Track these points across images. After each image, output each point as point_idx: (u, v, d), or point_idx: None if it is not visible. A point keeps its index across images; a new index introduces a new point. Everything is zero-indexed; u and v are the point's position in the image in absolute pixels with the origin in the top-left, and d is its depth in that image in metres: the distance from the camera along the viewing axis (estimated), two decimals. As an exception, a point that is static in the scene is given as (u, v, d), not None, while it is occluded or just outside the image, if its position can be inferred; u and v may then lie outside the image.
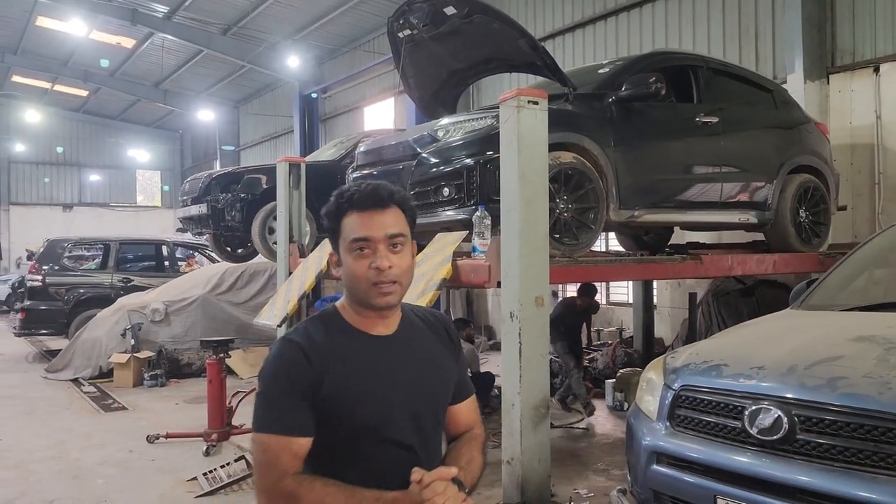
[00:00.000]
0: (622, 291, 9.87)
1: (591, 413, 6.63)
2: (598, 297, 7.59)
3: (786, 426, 2.53)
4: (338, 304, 1.64)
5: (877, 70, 7.04)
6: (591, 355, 8.33)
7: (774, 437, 2.55)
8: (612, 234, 8.11)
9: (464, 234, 4.65)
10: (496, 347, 10.25)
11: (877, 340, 2.90)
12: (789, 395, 2.60)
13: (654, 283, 8.50)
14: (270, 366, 1.53)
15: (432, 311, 1.81)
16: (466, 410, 1.78)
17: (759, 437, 2.60)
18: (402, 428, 1.56)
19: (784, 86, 6.99)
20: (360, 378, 1.53)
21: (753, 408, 2.65)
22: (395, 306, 1.60)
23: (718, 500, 2.63)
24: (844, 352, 2.82)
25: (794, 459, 2.50)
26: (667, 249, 6.38)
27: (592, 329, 8.93)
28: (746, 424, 2.64)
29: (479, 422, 1.81)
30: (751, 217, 5.75)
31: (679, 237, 7.26)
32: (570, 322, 7.24)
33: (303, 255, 6.64)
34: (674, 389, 3.00)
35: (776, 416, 2.57)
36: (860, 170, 7.18)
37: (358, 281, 1.53)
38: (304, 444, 1.49)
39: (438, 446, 1.70)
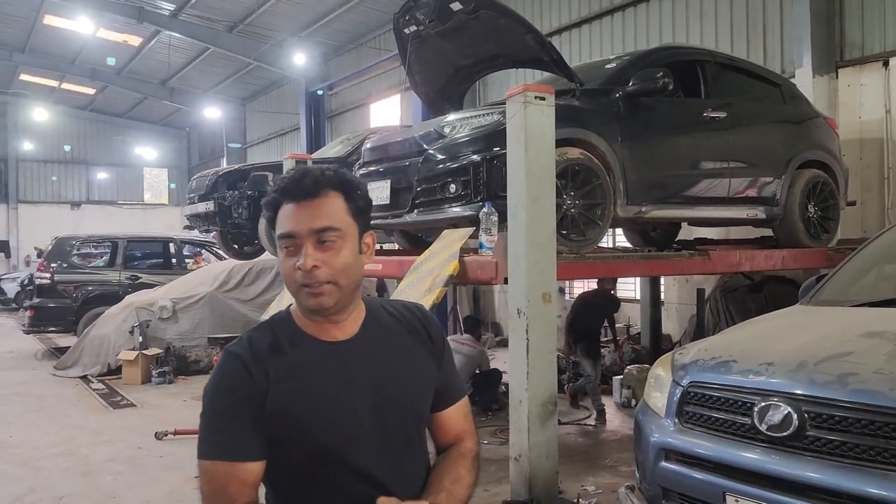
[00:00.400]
0: (629, 288, 9.84)
1: (602, 422, 6.36)
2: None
3: (796, 423, 2.52)
4: (293, 307, 1.44)
5: (886, 64, 6.98)
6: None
7: (784, 433, 2.54)
8: (619, 231, 8.08)
9: (471, 230, 4.64)
10: (503, 344, 10.24)
11: (887, 336, 2.88)
12: (799, 392, 2.58)
13: (662, 280, 8.47)
14: (211, 382, 1.36)
15: (408, 305, 1.58)
16: (455, 417, 1.57)
17: (768, 433, 2.58)
18: (364, 449, 1.36)
19: (792, 80, 6.95)
20: (310, 392, 1.33)
21: (763, 404, 2.63)
22: (342, 309, 1.39)
23: (728, 497, 2.62)
24: (855, 348, 2.80)
25: (804, 456, 2.48)
26: (674, 245, 6.34)
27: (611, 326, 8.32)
28: (756, 421, 2.63)
29: (470, 431, 1.60)
30: (759, 213, 5.72)
31: (687, 233, 7.22)
32: (589, 321, 6.77)
33: (309, 252, 6.64)
34: (682, 386, 2.98)
35: (786, 412, 2.55)
36: (869, 164, 7.13)
37: (287, 282, 1.37)
38: (253, 469, 1.31)
39: (419, 463, 1.48)
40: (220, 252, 10.79)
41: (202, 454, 1.33)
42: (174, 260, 12.25)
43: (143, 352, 8.81)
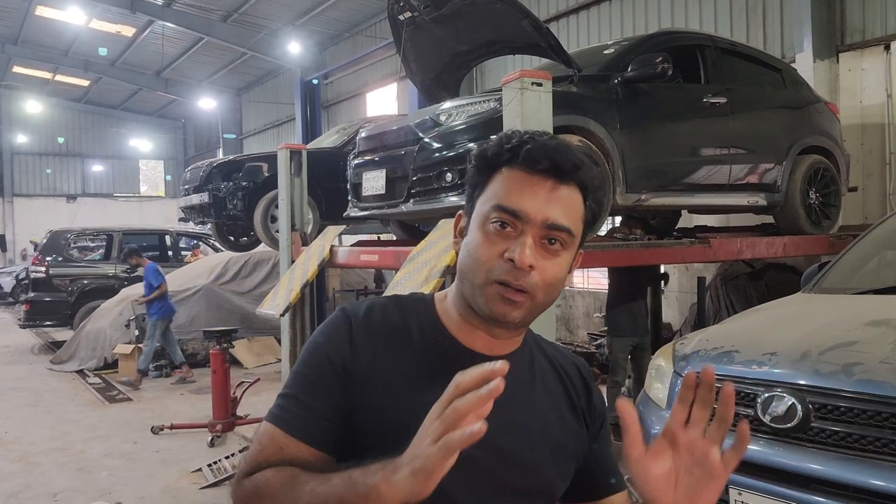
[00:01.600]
0: (628, 276, 9.78)
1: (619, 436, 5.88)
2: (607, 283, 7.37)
3: (800, 413, 2.47)
4: (437, 293, 1.14)
5: (887, 48, 6.90)
6: (598, 341, 8.26)
7: (788, 424, 2.49)
8: (617, 219, 8.01)
9: (467, 220, 4.56)
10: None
11: (893, 324, 2.83)
12: (803, 382, 2.53)
13: (662, 268, 8.41)
14: (313, 337, 1.09)
15: (568, 356, 1.22)
16: None
17: (772, 424, 2.53)
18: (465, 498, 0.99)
19: (793, 65, 6.87)
20: (412, 405, 0.92)
21: (766, 395, 2.58)
22: (516, 328, 1.06)
23: (731, 489, 2.57)
24: (859, 336, 2.75)
25: (808, 448, 2.44)
26: (674, 233, 6.28)
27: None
28: (759, 412, 2.58)
29: None
30: (760, 199, 5.66)
31: (687, 220, 7.16)
32: (626, 300, 5.87)
33: (305, 243, 6.57)
34: (683, 376, 2.93)
35: (790, 403, 2.50)
36: (871, 150, 7.06)
37: (476, 267, 1.00)
38: (307, 455, 1.00)
39: None
40: (216, 244, 10.72)
41: (268, 415, 1.05)
42: (170, 252, 12.18)
43: (139, 345, 8.76)
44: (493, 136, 1.06)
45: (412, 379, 1.02)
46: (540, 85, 4.09)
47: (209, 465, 4.99)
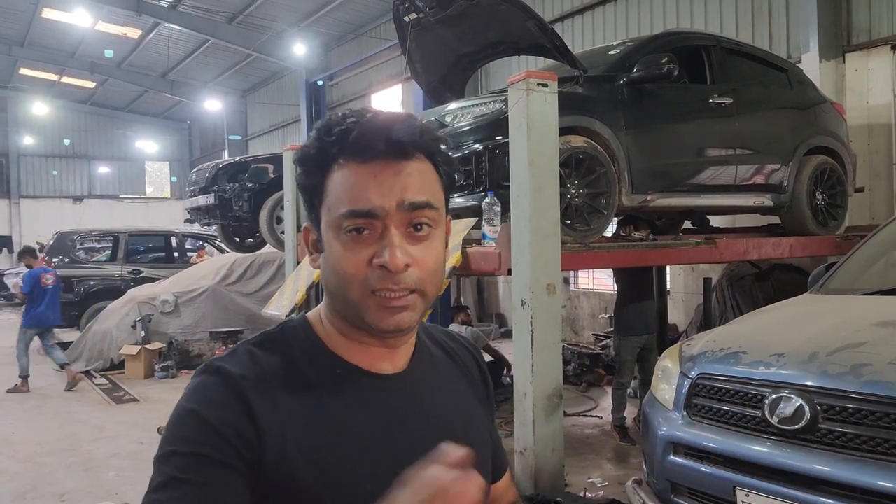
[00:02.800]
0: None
1: (623, 437, 5.49)
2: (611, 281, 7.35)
3: (808, 415, 2.46)
4: (310, 315, 0.98)
5: (894, 48, 6.87)
6: (604, 342, 8.25)
7: (796, 426, 2.48)
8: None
9: (473, 221, 4.57)
10: (508, 335, 10.19)
11: (901, 325, 2.82)
12: (811, 383, 2.53)
13: (668, 269, 8.40)
14: (181, 412, 0.86)
15: (455, 337, 1.15)
16: (507, 491, 1.16)
17: (779, 426, 2.53)
18: None
19: (799, 65, 6.84)
20: (339, 452, 0.87)
21: (774, 396, 2.57)
22: (412, 330, 0.96)
23: (738, 491, 2.57)
24: (868, 338, 2.74)
25: (816, 449, 2.43)
26: (679, 234, 6.27)
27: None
28: (767, 413, 2.57)
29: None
30: (766, 200, 5.65)
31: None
32: (634, 300, 5.68)
33: (311, 244, 6.59)
34: (690, 378, 2.93)
35: (798, 404, 2.50)
36: (877, 150, 7.03)
37: (347, 283, 0.88)
38: None
39: None
40: (222, 245, 10.75)
41: None
42: (176, 254, 12.21)
43: (146, 346, 8.79)
44: (311, 132, 0.92)
45: (317, 417, 0.88)
46: (546, 86, 4.10)
47: (215, 466, 5.00)
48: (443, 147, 0.94)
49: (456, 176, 0.98)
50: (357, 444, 0.88)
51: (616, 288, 6.06)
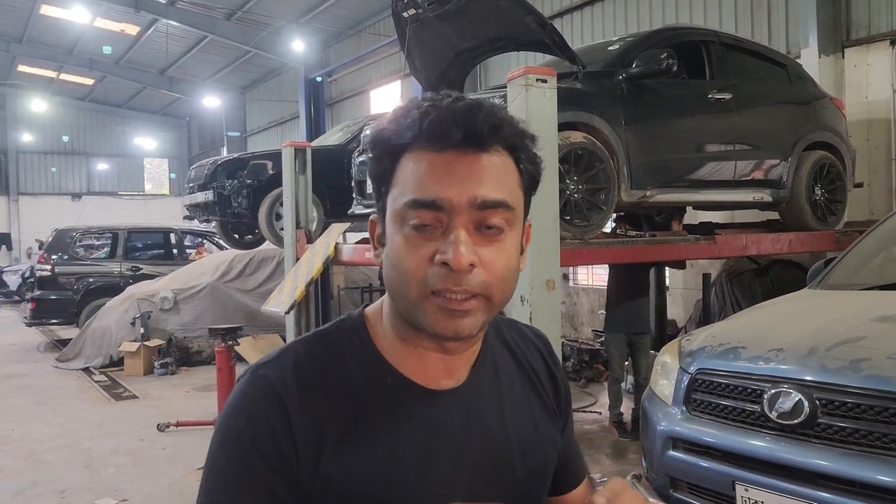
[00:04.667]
0: (633, 273, 9.77)
1: (622, 432, 5.57)
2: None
3: (807, 410, 2.47)
4: (369, 311, 0.93)
5: (893, 43, 6.86)
6: (602, 338, 8.25)
7: (795, 420, 2.49)
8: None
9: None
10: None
11: (900, 320, 2.82)
12: (810, 378, 2.53)
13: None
14: (227, 421, 0.85)
15: (526, 333, 1.06)
16: (579, 499, 1.08)
17: (778, 421, 2.53)
18: None
19: (798, 60, 6.84)
20: (390, 466, 0.84)
21: (773, 391, 2.58)
22: (474, 338, 0.88)
23: (737, 485, 2.57)
24: (867, 332, 2.74)
25: (815, 444, 2.43)
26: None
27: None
28: (766, 408, 2.58)
29: None
30: (765, 195, 5.65)
31: (691, 217, 7.14)
32: (625, 297, 5.72)
33: (310, 240, 6.59)
34: (690, 373, 2.93)
35: (797, 399, 2.50)
36: (877, 145, 7.03)
37: (406, 281, 0.82)
38: None
39: None
40: (221, 242, 10.74)
41: None
42: (175, 250, 12.21)
43: (145, 343, 8.79)
44: (366, 124, 0.88)
45: (373, 431, 0.84)
46: (545, 81, 4.09)
47: (215, 463, 5.00)
48: (527, 142, 0.87)
49: (530, 172, 0.88)
50: (401, 467, 0.84)
51: (607, 284, 6.08)
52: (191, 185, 8.18)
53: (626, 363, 6.77)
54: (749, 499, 2.53)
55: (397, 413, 0.86)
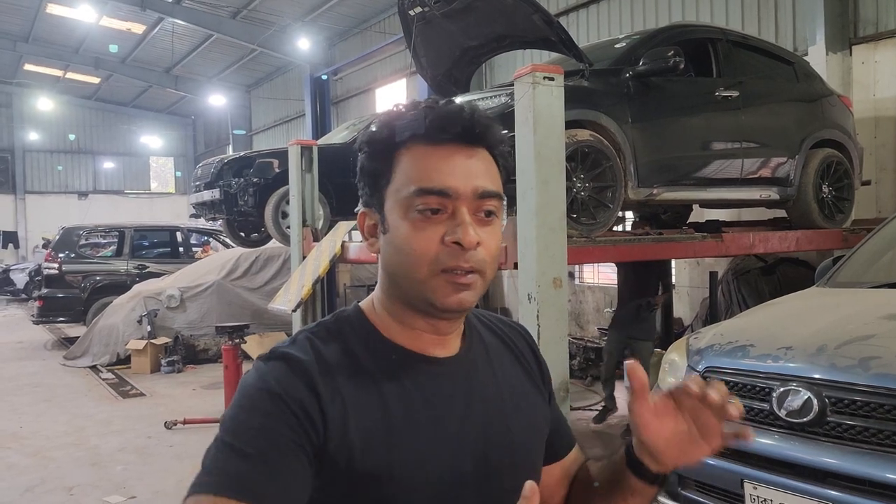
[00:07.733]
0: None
1: (607, 411, 5.96)
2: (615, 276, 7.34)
3: (816, 408, 2.46)
4: (363, 304, 1.01)
5: (901, 40, 6.84)
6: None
7: (804, 419, 2.48)
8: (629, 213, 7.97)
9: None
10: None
11: (910, 318, 2.81)
12: (819, 376, 2.53)
13: (673, 262, 8.38)
14: (249, 390, 0.88)
15: (508, 322, 1.16)
16: (572, 463, 1.16)
17: (787, 419, 2.53)
18: None
19: (805, 58, 6.81)
20: (400, 431, 0.90)
21: (782, 389, 2.57)
22: (466, 312, 0.98)
23: (746, 483, 2.57)
24: (876, 330, 2.73)
25: (824, 442, 2.43)
26: (685, 227, 6.25)
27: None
28: (774, 406, 2.57)
29: None
30: (772, 193, 5.63)
31: (698, 215, 7.12)
32: (630, 295, 5.83)
33: (316, 239, 6.59)
34: (698, 371, 2.92)
35: (806, 397, 2.50)
36: (884, 143, 7.00)
37: (415, 262, 0.90)
38: None
39: None
40: (227, 240, 10.77)
41: (212, 487, 0.81)
42: (181, 249, 12.24)
43: (152, 341, 8.82)
44: (372, 122, 0.99)
45: (384, 400, 0.91)
46: (552, 79, 4.08)
47: (222, 460, 5.02)
48: (504, 143, 0.98)
49: (506, 168, 1.00)
50: (414, 429, 0.91)
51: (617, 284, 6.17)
52: (197, 183, 8.19)
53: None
54: (758, 497, 2.52)
55: (405, 382, 0.93)
